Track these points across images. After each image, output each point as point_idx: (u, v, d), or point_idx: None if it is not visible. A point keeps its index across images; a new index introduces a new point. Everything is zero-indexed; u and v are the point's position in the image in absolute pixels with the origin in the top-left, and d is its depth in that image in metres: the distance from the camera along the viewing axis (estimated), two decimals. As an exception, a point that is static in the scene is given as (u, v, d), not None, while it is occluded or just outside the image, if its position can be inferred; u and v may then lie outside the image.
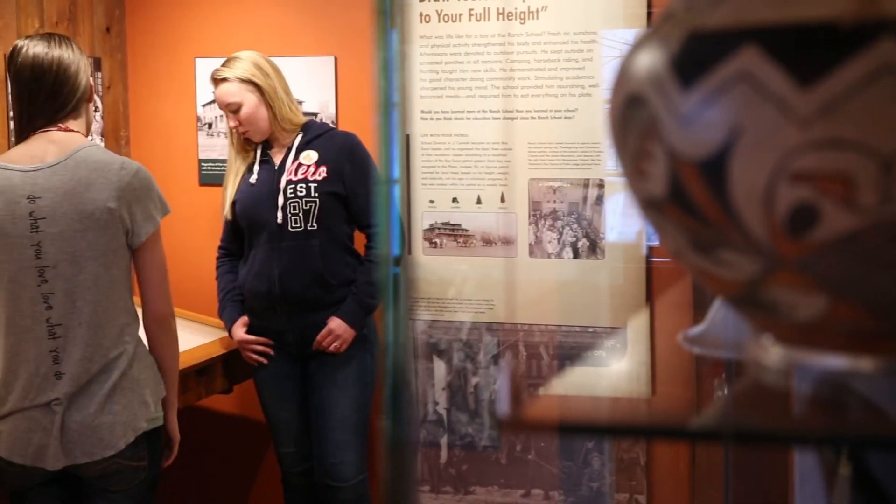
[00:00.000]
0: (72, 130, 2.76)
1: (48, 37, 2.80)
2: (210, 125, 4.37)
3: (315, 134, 3.55)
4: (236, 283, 3.62)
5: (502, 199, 3.97)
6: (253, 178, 3.53)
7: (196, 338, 3.91)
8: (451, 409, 4.03)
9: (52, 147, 2.70)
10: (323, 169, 3.47)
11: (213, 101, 4.34)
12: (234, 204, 3.57)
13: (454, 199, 4.00)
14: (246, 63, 3.51)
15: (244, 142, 3.59)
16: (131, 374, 2.73)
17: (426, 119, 4.01)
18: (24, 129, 2.74)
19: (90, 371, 2.66)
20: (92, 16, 4.26)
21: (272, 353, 3.57)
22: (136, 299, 2.87)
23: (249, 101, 3.48)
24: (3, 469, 2.72)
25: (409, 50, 4.22)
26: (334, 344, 3.45)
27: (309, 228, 3.44)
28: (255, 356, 3.58)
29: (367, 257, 3.54)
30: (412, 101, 4.05)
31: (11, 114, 3.83)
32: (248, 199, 3.53)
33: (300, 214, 3.43)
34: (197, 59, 4.35)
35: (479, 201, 3.99)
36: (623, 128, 0.92)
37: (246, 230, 3.57)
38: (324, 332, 3.46)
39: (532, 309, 3.97)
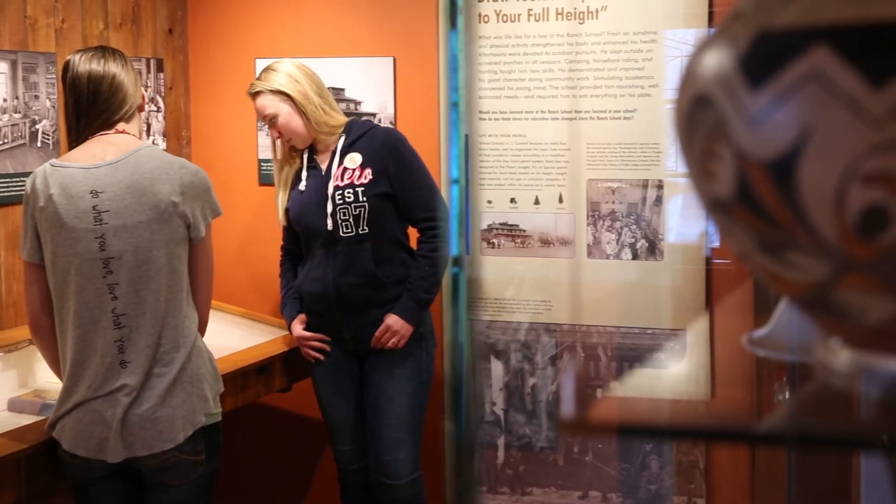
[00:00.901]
0: (127, 133, 2.85)
1: (100, 49, 2.90)
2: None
3: (357, 134, 3.54)
4: (295, 283, 3.65)
5: (560, 200, 3.95)
6: (302, 186, 3.57)
7: (256, 336, 3.95)
8: (509, 409, 4.03)
9: (110, 147, 2.79)
10: (368, 171, 3.46)
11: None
12: (287, 211, 3.61)
13: (512, 200, 4.00)
14: (277, 74, 3.54)
15: (290, 150, 3.62)
16: (190, 368, 2.78)
17: (485, 119, 4.01)
18: (82, 132, 2.84)
19: (149, 358, 2.72)
20: (155, 17, 4.32)
21: (329, 349, 3.60)
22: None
23: (283, 111, 3.50)
24: (67, 462, 2.78)
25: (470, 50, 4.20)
26: (392, 340, 3.46)
27: (360, 232, 3.45)
28: (313, 352, 3.61)
29: (420, 252, 3.53)
30: (469, 101, 4.05)
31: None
32: (299, 208, 3.56)
33: (350, 220, 3.44)
34: (257, 60, 4.38)
35: (537, 202, 3.98)
36: (689, 128, 0.91)
37: (301, 236, 3.61)
38: (381, 328, 3.47)
39: (590, 310, 3.95)
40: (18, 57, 3.64)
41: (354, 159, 3.48)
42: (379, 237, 3.46)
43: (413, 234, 3.64)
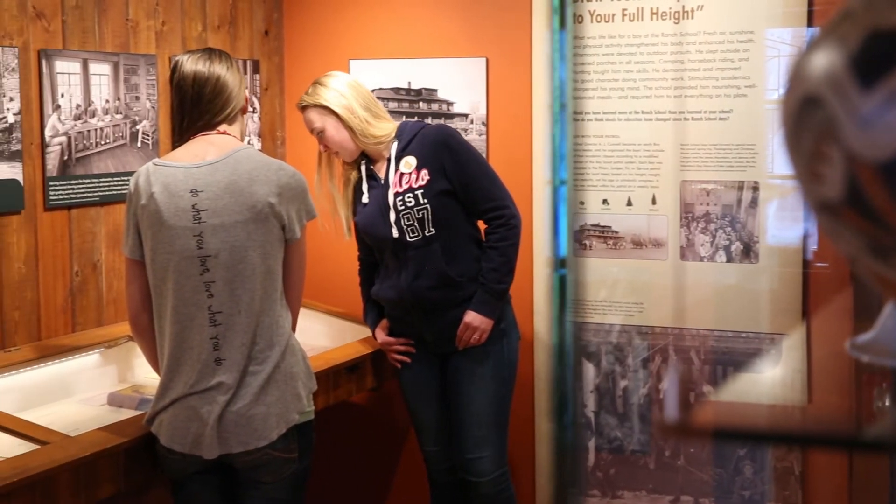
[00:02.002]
0: (228, 134, 2.90)
1: (207, 51, 2.96)
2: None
3: (409, 138, 3.52)
4: (372, 291, 3.67)
5: (653, 201, 3.92)
6: (365, 199, 3.58)
7: (347, 335, 3.98)
8: (600, 412, 4.01)
9: (211, 147, 2.84)
10: (424, 172, 3.45)
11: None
12: (356, 224, 3.63)
13: (604, 201, 3.98)
14: (323, 89, 3.55)
15: (343, 165, 3.65)
16: (284, 366, 2.81)
17: (577, 120, 3.98)
18: (185, 132, 2.90)
19: (244, 356, 2.76)
20: (251, 19, 4.38)
21: (414, 351, 3.61)
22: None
23: (329, 125, 3.53)
24: (164, 457, 2.83)
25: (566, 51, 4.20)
26: (474, 336, 3.46)
27: (427, 234, 3.44)
28: (398, 356, 3.63)
29: (488, 243, 3.50)
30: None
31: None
32: (365, 220, 3.58)
33: (415, 224, 3.44)
34: (351, 62, 4.42)
35: (629, 203, 3.95)
36: (797, 130, 0.90)
37: (372, 246, 3.63)
38: (461, 326, 3.47)
39: (683, 313, 3.91)
40: (120, 59, 3.73)
41: (409, 163, 3.48)
42: (447, 236, 3.45)
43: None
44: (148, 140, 3.86)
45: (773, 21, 3.72)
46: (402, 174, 3.48)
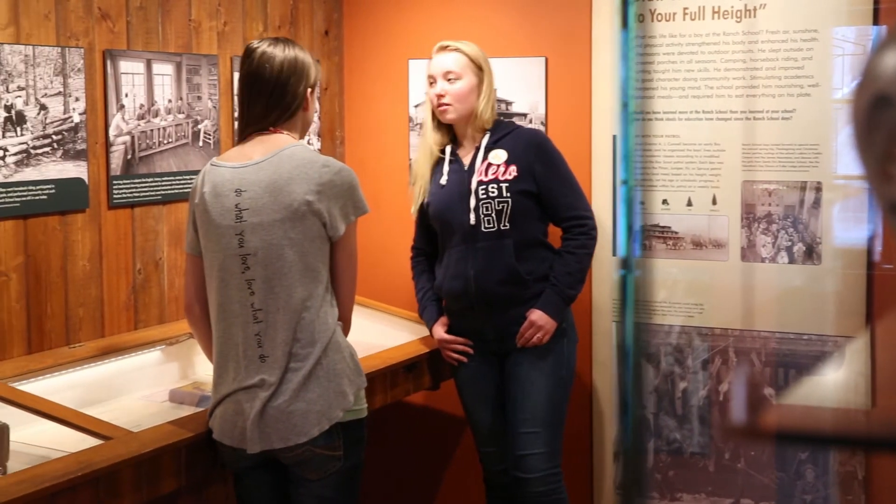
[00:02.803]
0: (282, 133, 2.90)
1: (284, 42, 2.94)
2: (421, 125, 4.44)
3: (503, 133, 3.52)
4: (434, 285, 3.65)
5: (714, 202, 3.89)
6: (443, 180, 3.55)
7: (405, 334, 3.99)
8: (659, 413, 3.98)
9: (260, 147, 2.87)
10: (513, 168, 3.45)
11: (426, 102, 4.41)
12: (425, 206, 3.60)
13: (664, 201, 3.95)
14: (476, 48, 3.55)
15: (435, 127, 3.60)
16: (326, 363, 2.81)
17: (636, 119, 3.96)
18: (243, 131, 2.93)
19: (286, 353, 2.78)
20: (312, 19, 4.41)
21: (472, 352, 3.59)
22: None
23: (469, 81, 3.51)
24: (218, 450, 2.90)
25: (614, 50, 4.16)
26: (537, 335, 3.45)
27: (502, 228, 3.44)
28: (455, 355, 3.60)
29: (566, 248, 3.49)
30: (620, 101, 4.01)
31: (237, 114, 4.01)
32: (441, 202, 3.54)
33: (493, 214, 3.43)
34: (410, 61, 4.43)
35: (689, 203, 3.92)
36: (868, 129, 0.89)
37: (439, 231, 3.59)
38: (526, 324, 3.45)
39: (744, 314, 3.87)
40: (183, 59, 3.77)
41: (499, 155, 3.48)
42: (519, 234, 3.45)
43: (553, 232, 3.61)
44: (209, 139, 3.90)
45: (837, 19, 3.67)
46: (489, 164, 3.48)
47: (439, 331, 3.62)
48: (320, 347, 2.80)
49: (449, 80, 3.50)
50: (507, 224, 3.43)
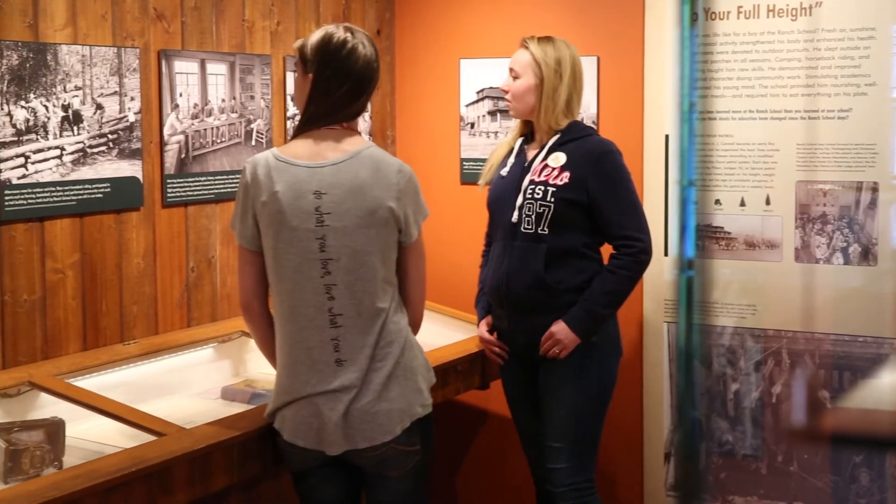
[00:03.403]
0: (353, 129, 2.85)
1: (367, 38, 2.85)
2: (472, 125, 4.44)
3: (571, 137, 3.39)
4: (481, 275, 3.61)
5: (767, 202, 3.85)
6: (504, 171, 3.49)
7: (456, 334, 3.99)
8: (710, 415, 3.94)
9: (334, 145, 2.79)
10: (566, 174, 3.32)
11: (477, 101, 4.42)
12: (489, 191, 3.56)
13: (717, 201, 3.92)
14: (550, 49, 3.39)
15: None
16: (404, 362, 2.82)
17: (695, 119, 3.94)
18: (314, 123, 2.81)
19: (367, 357, 2.77)
20: (364, 19, 4.42)
21: (506, 355, 3.54)
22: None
23: (527, 81, 3.40)
24: (287, 451, 2.86)
25: (671, 48, 4.14)
26: (554, 349, 3.33)
27: (539, 232, 3.32)
28: (493, 356, 3.57)
29: (608, 267, 3.33)
30: (672, 100, 3.99)
31: (290, 101, 4.03)
32: (495, 192, 3.50)
33: (533, 216, 3.33)
34: (461, 61, 4.43)
35: (742, 203, 3.89)
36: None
37: (490, 221, 3.56)
38: (546, 334, 3.34)
39: (798, 315, 3.83)
40: (236, 59, 3.80)
41: (558, 158, 3.36)
42: (557, 241, 3.32)
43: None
44: (262, 139, 3.92)
45: (894, 17, 3.62)
46: (546, 165, 3.37)
47: (482, 328, 3.57)
48: (398, 347, 2.81)
49: (513, 76, 3.46)
50: (545, 229, 3.32)
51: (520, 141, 3.52)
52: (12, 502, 2.30)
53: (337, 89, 2.78)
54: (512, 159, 3.49)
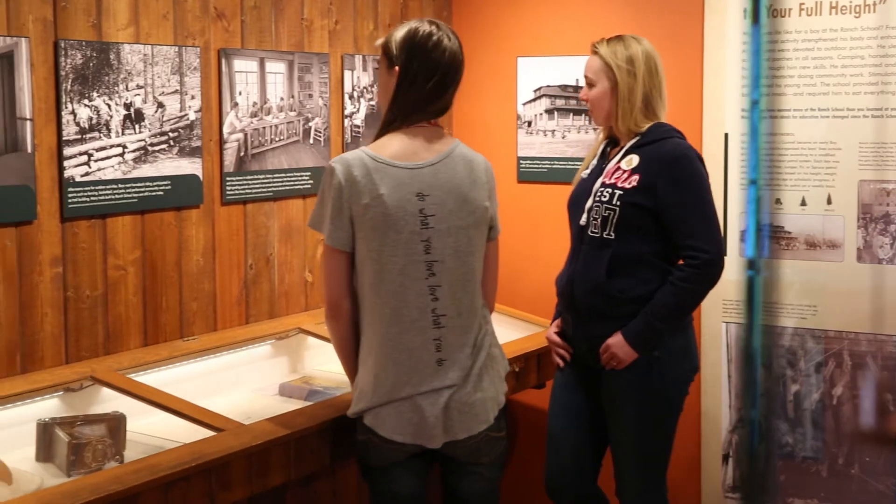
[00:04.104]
0: (441, 128, 2.85)
1: (452, 32, 2.82)
2: (529, 123, 4.43)
3: (649, 139, 3.21)
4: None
5: (829, 201, 3.80)
6: (585, 172, 3.36)
7: (514, 332, 3.99)
8: (770, 416, 3.90)
9: (426, 144, 2.77)
10: (636, 178, 3.15)
11: (534, 100, 4.41)
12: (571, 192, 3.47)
13: (777, 201, 3.87)
14: (620, 49, 3.25)
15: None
16: (491, 352, 2.86)
17: (747, 118, 3.90)
18: (395, 119, 2.78)
19: (467, 356, 2.79)
20: (421, 17, 4.41)
21: (568, 358, 3.38)
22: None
23: (602, 87, 3.26)
24: (378, 446, 2.81)
25: (731, 46, 4.10)
26: (611, 361, 3.19)
27: (605, 236, 3.17)
28: (556, 358, 3.46)
29: (671, 278, 3.13)
30: (734, 98, 3.95)
31: (347, 99, 4.04)
32: (574, 194, 3.37)
33: (599, 220, 3.18)
34: (519, 59, 4.42)
35: (803, 203, 3.84)
36: None
37: (569, 223, 3.46)
38: (603, 346, 3.20)
39: (860, 317, 3.78)
40: (295, 57, 3.82)
41: (631, 161, 3.19)
42: (622, 248, 3.16)
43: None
44: (320, 137, 3.94)
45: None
46: (619, 167, 3.21)
47: (551, 329, 3.46)
48: (488, 340, 2.85)
49: (588, 84, 3.32)
50: (611, 233, 3.16)
51: (604, 144, 3.39)
52: (76, 495, 2.34)
53: (424, 83, 2.74)
54: (594, 161, 3.37)
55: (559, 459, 3.40)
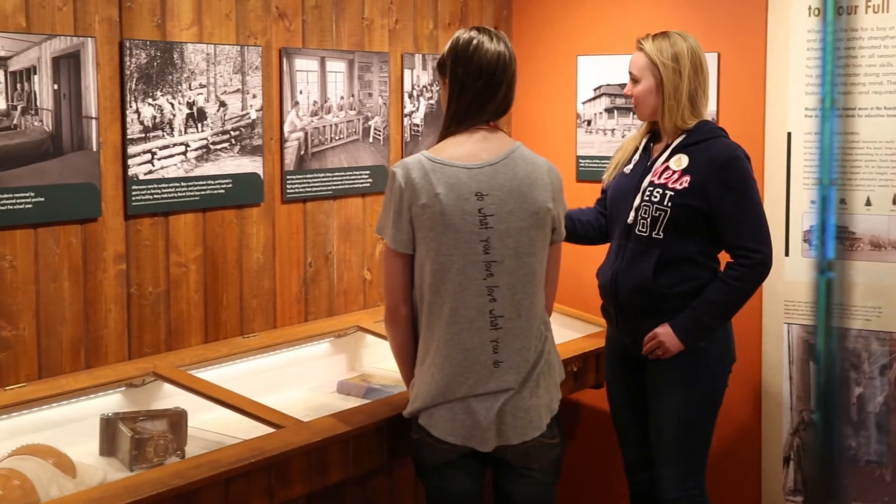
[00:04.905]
0: (501, 130, 2.86)
1: (498, 34, 2.85)
2: (589, 122, 4.41)
3: (697, 139, 3.24)
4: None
5: (894, 201, 3.74)
6: (628, 169, 3.39)
7: (572, 332, 3.97)
8: (834, 419, 3.84)
9: (486, 145, 2.79)
10: (686, 179, 3.18)
11: (594, 98, 4.39)
12: (606, 188, 3.48)
13: (841, 201, 3.80)
14: (666, 46, 3.26)
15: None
16: (549, 358, 2.85)
17: (810, 116, 3.85)
18: (452, 124, 2.82)
19: (525, 359, 2.78)
20: (481, 16, 4.43)
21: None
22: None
23: (647, 83, 3.28)
24: (431, 446, 2.83)
25: (795, 44, 4.04)
26: (657, 350, 3.23)
27: (654, 236, 3.22)
28: None
29: (721, 276, 3.20)
30: (795, 97, 3.90)
31: (406, 98, 4.05)
32: (616, 190, 3.40)
33: (648, 219, 3.23)
34: (579, 58, 4.40)
35: (868, 202, 3.78)
36: None
37: (608, 218, 3.47)
38: (649, 335, 3.25)
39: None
40: (355, 57, 3.84)
41: (680, 161, 3.22)
42: (671, 247, 3.20)
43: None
44: (379, 136, 3.96)
45: None
46: (667, 167, 3.25)
47: None
48: (547, 345, 2.85)
49: (633, 80, 3.34)
50: (660, 233, 3.21)
51: (646, 139, 3.41)
52: (138, 489, 2.37)
53: (472, 87, 2.78)
54: (636, 157, 3.39)
55: (635, 454, 3.49)
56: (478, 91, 2.78)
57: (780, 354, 3.99)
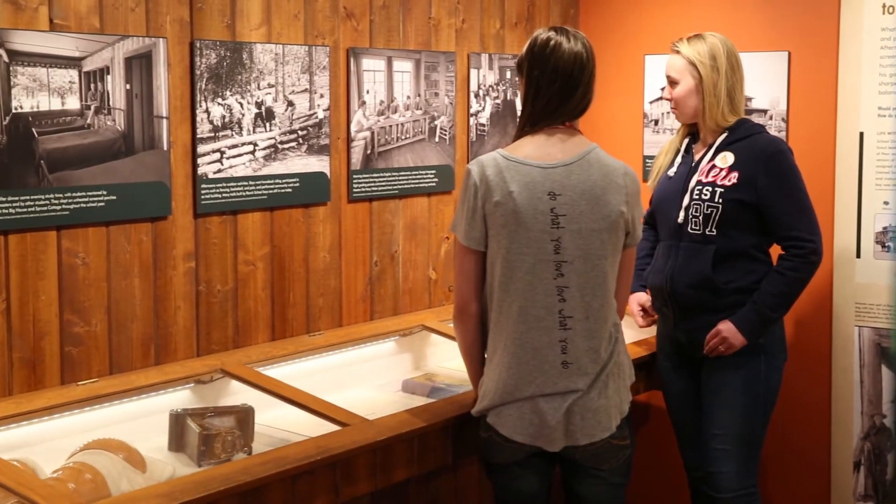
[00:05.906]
0: (575, 129, 2.86)
1: (576, 34, 2.86)
2: (656, 122, 4.38)
3: (739, 136, 3.31)
4: (645, 274, 3.54)
5: (969, 203, 3.68)
6: (672, 171, 3.44)
7: (634, 333, 3.94)
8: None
9: (561, 145, 2.79)
10: (735, 175, 3.26)
11: (661, 98, 4.36)
12: (654, 192, 3.51)
13: (885, 203, 3.75)
14: (702, 46, 3.34)
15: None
16: (619, 360, 2.84)
17: (883, 116, 3.79)
18: (528, 124, 2.83)
19: (594, 361, 2.77)
20: (548, 16, 4.41)
21: (654, 316, 3.54)
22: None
23: (686, 84, 3.35)
24: (500, 445, 2.83)
25: (868, 42, 3.98)
26: (720, 347, 3.27)
27: (707, 233, 3.28)
28: (640, 320, 3.59)
29: (777, 268, 3.26)
30: (868, 97, 3.84)
31: (472, 98, 4.05)
32: (661, 192, 3.45)
33: (700, 218, 3.29)
34: (646, 57, 4.37)
35: (942, 204, 3.72)
36: None
37: (657, 221, 3.49)
38: (712, 332, 3.28)
39: None
40: (422, 56, 3.84)
41: (726, 158, 3.30)
42: (725, 242, 3.27)
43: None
44: (445, 135, 3.96)
45: None
46: (714, 165, 3.32)
47: (642, 296, 3.60)
48: (618, 347, 2.84)
49: (671, 83, 3.40)
50: (713, 230, 3.27)
51: (686, 140, 3.48)
52: (206, 485, 2.39)
53: (548, 87, 2.79)
54: (679, 159, 3.46)
55: (695, 449, 3.49)
56: (553, 93, 2.79)
57: (850, 358, 3.93)
